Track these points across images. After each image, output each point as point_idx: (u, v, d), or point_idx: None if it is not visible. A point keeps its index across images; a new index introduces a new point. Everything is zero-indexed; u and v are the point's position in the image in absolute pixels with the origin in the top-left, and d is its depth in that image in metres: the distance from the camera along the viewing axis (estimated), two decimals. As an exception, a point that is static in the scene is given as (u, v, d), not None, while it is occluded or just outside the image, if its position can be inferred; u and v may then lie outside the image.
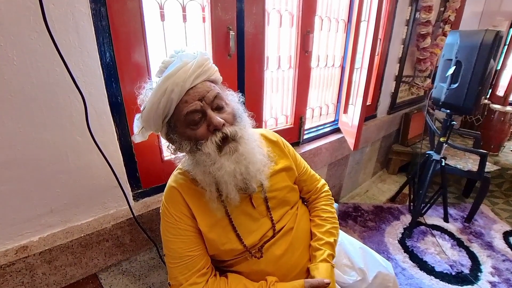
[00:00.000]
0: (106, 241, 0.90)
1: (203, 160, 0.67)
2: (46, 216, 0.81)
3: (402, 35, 2.26)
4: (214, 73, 0.71)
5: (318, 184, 0.98)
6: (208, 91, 0.66)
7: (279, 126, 1.57)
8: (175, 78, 0.63)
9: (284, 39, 1.40)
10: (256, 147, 0.73)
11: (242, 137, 0.68)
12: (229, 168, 0.66)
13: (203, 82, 0.67)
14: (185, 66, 0.64)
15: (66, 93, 0.74)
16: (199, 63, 0.66)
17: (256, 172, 0.71)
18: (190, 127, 0.66)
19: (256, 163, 0.70)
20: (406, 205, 2.29)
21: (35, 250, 0.77)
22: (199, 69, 0.66)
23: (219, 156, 0.66)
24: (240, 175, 0.68)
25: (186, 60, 0.65)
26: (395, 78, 2.40)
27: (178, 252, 0.72)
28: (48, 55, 0.69)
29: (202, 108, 0.65)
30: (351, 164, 2.26)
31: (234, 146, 0.67)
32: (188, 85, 0.64)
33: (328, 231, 0.85)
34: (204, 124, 0.66)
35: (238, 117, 0.70)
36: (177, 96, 0.64)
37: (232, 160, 0.66)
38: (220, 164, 0.65)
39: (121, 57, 0.85)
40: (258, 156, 0.71)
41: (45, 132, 0.74)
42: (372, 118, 2.32)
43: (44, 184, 0.77)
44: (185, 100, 0.65)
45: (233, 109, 0.71)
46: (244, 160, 0.67)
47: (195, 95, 0.65)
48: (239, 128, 0.68)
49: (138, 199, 1.02)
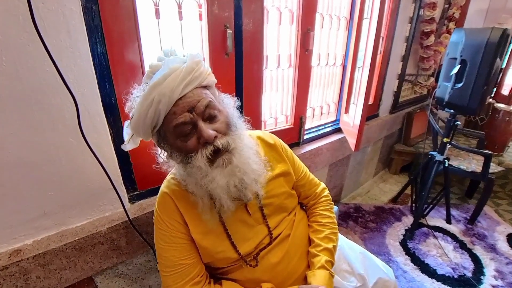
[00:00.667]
0: (101, 244, 0.89)
1: (194, 172, 0.64)
2: (40, 219, 0.79)
3: (405, 33, 2.22)
4: (207, 78, 0.66)
5: (317, 189, 0.95)
6: (198, 101, 0.62)
7: (278, 126, 1.55)
8: (162, 88, 0.59)
9: (283, 37, 1.37)
10: (252, 156, 0.69)
11: (236, 148, 0.64)
12: (222, 182, 0.63)
13: (193, 90, 0.62)
14: (173, 74, 0.60)
15: (58, 95, 0.73)
16: (189, 69, 0.61)
17: (251, 182, 0.68)
18: (180, 138, 0.63)
19: (251, 173, 0.67)
20: (408, 206, 2.27)
21: (29, 253, 0.76)
22: (189, 76, 0.61)
23: (210, 169, 0.63)
24: (234, 187, 0.65)
25: (174, 67, 0.61)
26: (397, 76, 2.37)
27: (171, 260, 0.70)
28: (38, 55, 0.67)
29: (192, 120, 0.61)
30: (353, 164, 2.24)
31: (228, 158, 0.63)
32: (177, 96, 0.60)
33: (326, 237, 0.83)
34: (195, 136, 0.62)
35: (232, 126, 0.67)
36: (165, 107, 0.60)
37: (225, 174, 0.63)
38: (212, 177, 0.63)
39: (114, 56, 0.84)
40: (253, 166, 0.68)
41: (37, 135, 0.73)
42: (374, 117, 2.29)
43: (37, 187, 0.76)
44: (174, 112, 0.61)
45: (227, 116, 0.67)
46: (239, 172, 0.64)
47: (184, 105, 0.61)
48: (232, 138, 0.65)
49: (134, 201, 1.00)
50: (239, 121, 0.71)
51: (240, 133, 0.68)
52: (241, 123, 0.72)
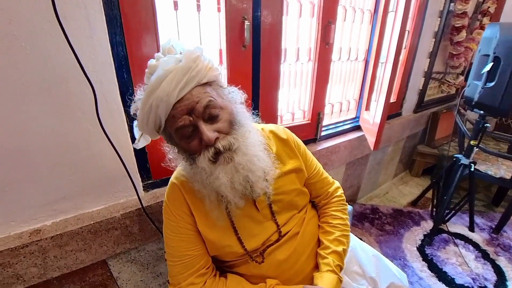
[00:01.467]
0: (115, 230, 0.92)
1: (199, 172, 0.63)
2: (59, 202, 0.83)
3: (434, 27, 2.10)
4: (207, 74, 0.62)
5: (329, 188, 0.91)
6: (197, 102, 0.59)
7: (295, 122, 1.53)
8: (158, 92, 0.57)
9: (303, 30, 1.34)
10: (259, 153, 0.67)
11: (239, 148, 0.62)
12: (224, 179, 0.62)
13: (191, 90, 0.59)
14: (168, 76, 0.57)
15: (77, 83, 0.75)
16: (184, 69, 0.58)
17: (257, 180, 0.66)
18: (183, 140, 0.63)
19: (256, 171, 0.65)
20: (428, 210, 2.18)
21: (48, 234, 0.80)
22: (185, 76, 0.58)
23: (214, 167, 0.62)
24: (239, 185, 0.64)
25: (169, 68, 0.58)
26: (424, 74, 2.26)
27: (178, 250, 0.71)
28: (60, 44, 0.69)
29: (192, 122, 0.60)
30: (371, 164, 2.18)
31: (229, 155, 0.62)
32: (173, 100, 0.57)
33: (336, 239, 0.80)
34: (197, 138, 0.61)
35: (235, 124, 0.64)
36: (163, 112, 0.59)
37: (228, 171, 0.62)
38: (216, 175, 0.62)
39: (132, 47, 0.85)
40: (259, 164, 0.65)
41: (56, 121, 0.76)
42: (396, 116, 2.21)
43: (56, 171, 0.80)
44: (173, 115, 0.59)
45: (230, 113, 0.64)
46: (242, 169, 0.63)
47: (183, 109, 0.59)
48: (235, 137, 0.63)
49: (148, 190, 1.03)
50: (244, 117, 0.68)
51: (245, 130, 0.65)
52: (247, 118, 0.69)
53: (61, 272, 0.86)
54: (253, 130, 0.70)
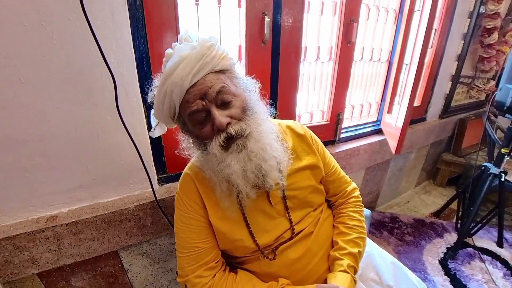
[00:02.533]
0: (128, 221, 0.94)
1: (211, 158, 0.65)
2: (76, 190, 0.86)
3: (463, 28, 2.03)
4: (220, 62, 0.64)
5: (347, 188, 0.90)
6: (210, 87, 0.61)
7: (313, 122, 1.52)
8: (173, 78, 0.60)
9: (325, 28, 1.33)
10: (272, 141, 0.67)
11: (251, 134, 0.63)
12: (236, 167, 0.62)
13: (205, 76, 0.62)
14: (183, 62, 0.60)
15: (100, 73, 0.78)
16: (198, 55, 0.60)
17: (270, 169, 0.66)
18: (196, 126, 0.64)
19: (269, 160, 0.65)
20: (452, 222, 2.09)
21: (63, 220, 0.83)
22: (199, 63, 0.60)
23: (225, 154, 0.63)
24: (252, 173, 0.64)
25: (184, 55, 0.60)
26: (451, 78, 2.18)
27: (187, 242, 0.72)
28: (84, 35, 0.72)
29: (204, 107, 0.61)
30: (392, 170, 2.12)
31: (242, 142, 0.62)
32: (187, 84, 0.60)
33: (352, 241, 0.79)
34: (210, 123, 0.63)
35: (248, 110, 0.65)
36: (177, 97, 0.61)
37: (240, 158, 0.62)
38: (227, 162, 0.62)
39: (153, 41, 0.87)
40: (272, 152, 0.66)
41: (78, 110, 0.79)
42: (420, 121, 2.15)
43: (75, 160, 0.83)
44: (187, 100, 0.62)
45: (243, 100, 0.65)
46: (255, 157, 0.63)
47: (196, 93, 0.61)
48: (247, 123, 0.63)
49: (163, 184, 1.05)
50: (258, 104, 0.69)
51: (258, 117, 0.66)
52: (260, 107, 0.69)
53: (74, 260, 0.88)
54: (267, 119, 0.70)
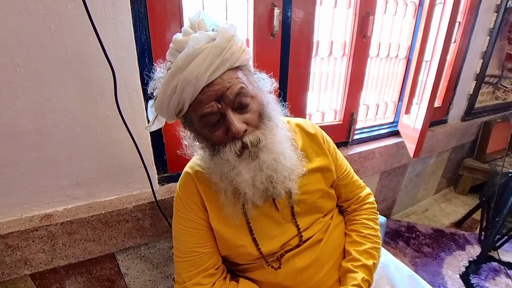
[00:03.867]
0: (126, 222, 0.92)
1: (221, 164, 0.61)
2: (72, 188, 0.85)
3: (489, 24, 1.95)
4: (240, 57, 0.59)
5: (361, 193, 0.86)
6: (228, 88, 0.56)
7: (325, 122, 1.48)
8: (186, 74, 0.54)
9: (338, 22, 1.30)
10: (286, 150, 0.64)
11: (266, 145, 0.60)
12: (247, 176, 0.59)
13: (223, 74, 0.56)
14: (199, 56, 0.54)
15: (99, 65, 0.76)
16: (218, 50, 0.54)
17: (282, 180, 0.63)
18: (207, 128, 0.60)
19: (282, 170, 0.62)
20: (475, 233, 2.00)
21: (58, 219, 0.82)
22: (218, 59, 0.54)
23: (238, 161, 0.59)
24: (261, 184, 0.61)
25: (200, 47, 0.54)
26: (475, 77, 2.10)
27: (186, 246, 0.69)
28: (83, 25, 0.71)
29: (219, 110, 0.57)
30: (410, 176, 2.05)
31: (255, 151, 0.59)
32: (203, 83, 0.54)
33: (366, 251, 0.74)
34: (223, 127, 0.58)
35: (265, 117, 0.62)
36: (189, 96, 0.56)
37: (252, 168, 0.60)
38: (239, 170, 0.59)
39: (156, 32, 0.86)
40: (285, 163, 0.63)
41: (76, 103, 0.77)
42: (441, 123, 2.07)
43: (72, 156, 0.81)
44: (200, 100, 0.56)
45: (261, 104, 0.62)
46: (267, 168, 0.60)
47: (212, 94, 0.55)
48: (264, 134, 0.60)
49: (163, 184, 1.03)
50: (274, 109, 0.65)
51: (273, 125, 0.63)
52: (276, 111, 0.66)
53: (68, 261, 0.87)
54: (281, 124, 0.67)
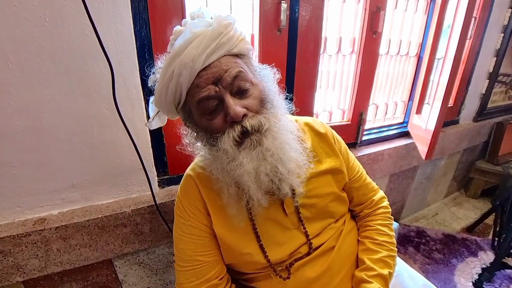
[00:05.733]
0: (124, 227, 0.91)
1: (220, 156, 0.59)
2: (67, 190, 0.84)
3: (504, 20, 1.93)
4: (238, 44, 0.59)
5: (374, 196, 0.84)
6: (225, 71, 0.56)
7: (333, 122, 1.47)
8: (182, 57, 0.54)
9: (348, 17, 1.29)
10: (292, 141, 0.63)
11: (270, 130, 0.59)
12: (249, 166, 0.57)
13: (220, 58, 0.57)
14: (196, 40, 0.55)
15: (96, 61, 0.75)
16: (215, 33, 0.56)
17: (288, 173, 0.61)
18: (205, 116, 0.59)
19: (288, 162, 0.60)
20: (488, 239, 1.98)
21: (53, 224, 0.80)
22: (214, 42, 0.55)
23: (238, 151, 0.58)
24: (266, 176, 0.59)
25: (197, 32, 0.55)
26: (488, 76, 2.09)
27: (187, 254, 0.67)
28: (80, 18, 0.69)
29: (217, 94, 0.57)
30: (419, 179, 2.04)
31: (257, 138, 0.58)
32: (199, 66, 0.55)
33: (382, 260, 0.72)
34: (221, 114, 0.58)
35: (267, 102, 0.61)
36: (186, 80, 0.56)
37: (254, 156, 0.57)
38: (240, 161, 0.57)
39: (157, 26, 0.84)
40: (291, 154, 0.61)
41: (72, 101, 0.76)
42: (452, 123, 2.06)
43: (67, 156, 0.80)
44: (197, 84, 0.57)
45: (262, 91, 0.61)
46: (271, 157, 0.58)
47: (209, 77, 0.56)
48: (266, 117, 0.59)
49: (164, 186, 1.02)
50: (278, 97, 0.65)
51: (277, 112, 0.62)
52: (280, 100, 0.65)
53: (63, 268, 0.85)
54: (286, 117, 0.66)
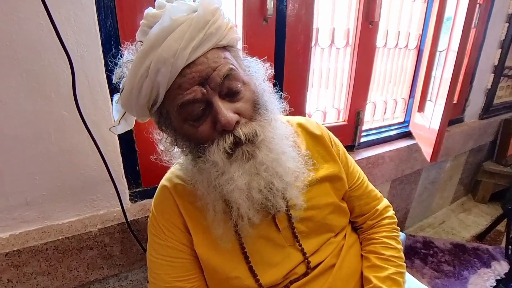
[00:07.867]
0: (89, 249, 0.87)
1: (208, 169, 0.56)
2: (20, 208, 0.80)
3: (508, 8, 2.00)
4: (227, 34, 0.55)
5: (378, 205, 0.82)
6: (214, 68, 0.52)
7: (327, 122, 1.47)
8: (161, 51, 0.49)
9: (341, 5, 1.30)
10: (287, 149, 0.61)
11: (264, 141, 0.56)
12: (240, 182, 0.54)
13: (207, 52, 0.53)
14: (177, 29, 0.50)
15: (53, 55, 0.72)
16: (201, 22, 0.51)
17: (285, 187, 0.59)
18: (188, 122, 0.55)
19: (285, 175, 0.58)
20: (501, 247, 2.01)
21: (2, 249, 0.76)
22: (201, 33, 0.50)
23: (229, 163, 0.55)
24: (259, 193, 0.56)
25: (178, 19, 0.50)
26: (493, 69, 2.15)
27: (164, 280, 0.64)
28: (32, 4, 0.66)
29: (204, 97, 0.52)
30: (424, 183, 2.06)
31: (250, 149, 0.55)
32: (183, 63, 0.50)
33: (390, 278, 0.69)
34: (209, 120, 0.54)
35: (260, 106, 0.58)
36: (166, 79, 0.51)
37: (246, 170, 0.55)
38: (230, 175, 0.54)
39: (124, 14, 0.82)
40: (288, 164, 0.59)
41: (24, 103, 0.73)
42: (457, 122, 2.10)
43: (19, 168, 0.76)
44: (179, 85, 0.52)
45: (254, 91, 0.58)
46: (265, 171, 0.56)
47: (194, 76, 0.51)
48: (261, 126, 0.56)
49: (136, 200, 0.99)
50: (271, 98, 0.62)
51: (272, 117, 0.59)
52: (274, 101, 0.63)
53: (16, 302, 0.80)
54: (279, 118, 0.64)
